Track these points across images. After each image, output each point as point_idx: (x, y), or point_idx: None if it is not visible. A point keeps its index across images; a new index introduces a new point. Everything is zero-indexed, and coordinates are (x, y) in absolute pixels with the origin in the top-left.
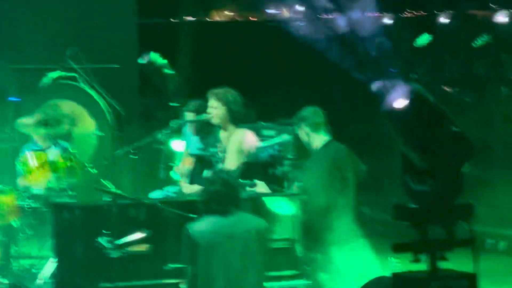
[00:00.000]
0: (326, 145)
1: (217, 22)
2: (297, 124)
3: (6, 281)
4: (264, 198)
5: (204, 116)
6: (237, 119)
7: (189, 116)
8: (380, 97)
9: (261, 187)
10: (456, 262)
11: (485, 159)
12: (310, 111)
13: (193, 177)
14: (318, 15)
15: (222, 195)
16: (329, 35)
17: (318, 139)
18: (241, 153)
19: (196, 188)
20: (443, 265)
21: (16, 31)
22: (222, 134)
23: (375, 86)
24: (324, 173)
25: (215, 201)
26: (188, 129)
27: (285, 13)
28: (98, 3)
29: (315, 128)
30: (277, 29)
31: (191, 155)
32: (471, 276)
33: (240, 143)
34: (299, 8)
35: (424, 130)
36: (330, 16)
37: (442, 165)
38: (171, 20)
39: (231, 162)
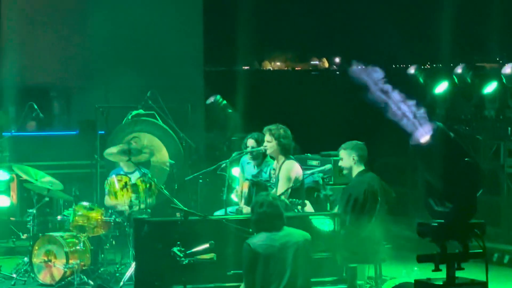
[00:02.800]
0: (362, 174)
1: (269, 71)
2: (347, 152)
3: (95, 283)
4: (309, 216)
5: (259, 148)
6: (286, 151)
7: (247, 147)
8: (408, 133)
9: (309, 206)
10: (470, 272)
11: (494, 186)
12: (360, 145)
13: (250, 198)
14: (351, 65)
15: (269, 215)
16: (360, 82)
17: (357, 169)
18: (289, 180)
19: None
20: (459, 274)
21: (105, 76)
22: (274, 163)
23: (404, 124)
24: (360, 197)
25: (264, 220)
26: (247, 159)
27: (324, 63)
28: (172, 54)
29: (360, 159)
30: (318, 76)
31: (248, 180)
32: (483, 284)
33: (289, 171)
34: (336, 59)
35: (444, 161)
36: (362, 66)
37: (459, 190)
38: (232, 68)
39: (281, 187)
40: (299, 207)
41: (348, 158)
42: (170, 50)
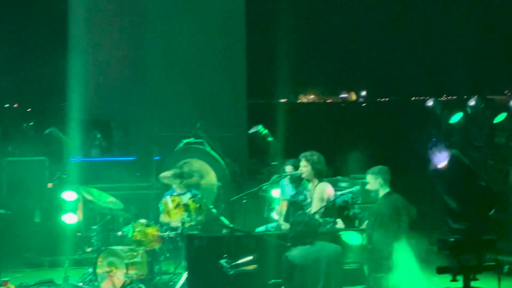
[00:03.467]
0: (388, 194)
1: (303, 103)
2: (375, 174)
3: None
4: (340, 232)
5: (297, 172)
6: (320, 174)
7: (286, 171)
8: (428, 159)
9: (339, 223)
10: (484, 282)
11: (504, 206)
12: (384, 169)
13: (288, 216)
14: (377, 99)
15: (305, 232)
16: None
17: (383, 190)
18: (323, 200)
19: (289, 225)
20: (474, 284)
21: (159, 108)
22: (309, 185)
23: (424, 150)
24: (385, 215)
25: (300, 236)
26: (285, 182)
27: (352, 96)
28: (219, 88)
29: (385, 182)
30: (347, 108)
31: (287, 200)
32: None
33: (322, 192)
34: (363, 92)
35: (460, 184)
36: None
37: (473, 210)
38: (271, 101)
39: (315, 206)
40: (331, 223)
41: (374, 182)
42: (217, 85)
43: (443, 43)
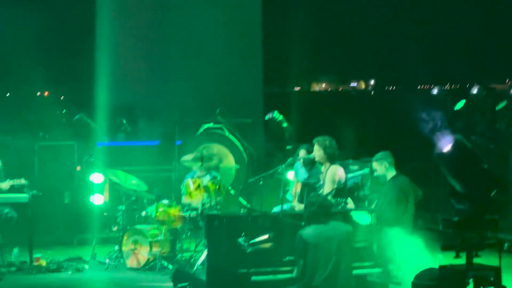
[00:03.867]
0: (395, 177)
1: (316, 91)
2: (379, 160)
3: (173, 267)
4: (351, 212)
5: (310, 155)
6: (332, 157)
7: (300, 155)
8: (433, 144)
9: (350, 204)
10: (486, 258)
11: (504, 188)
12: (387, 154)
13: (302, 197)
14: (384, 88)
15: (319, 212)
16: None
17: (390, 174)
18: (334, 182)
19: (303, 206)
20: (476, 260)
21: (181, 96)
22: (322, 168)
23: (429, 135)
24: (393, 196)
25: (314, 216)
26: (299, 164)
27: (361, 85)
28: (237, 77)
29: (390, 165)
30: (356, 96)
31: (301, 182)
32: (496, 269)
33: (334, 174)
34: (371, 81)
35: (463, 167)
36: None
37: (476, 191)
38: (286, 89)
39: (327, 188)
40: (342, 204)
41: (380, 167)
42: (235, 74)
43: (448, 34)
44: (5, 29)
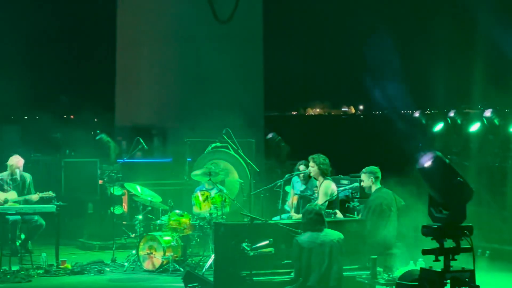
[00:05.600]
0: (379, 190)
1: (311, 115)
2: (367, 175)
3: (184, 270)
4: (341, 221)
5: (306, 171)
6: (325, 173)
7: (298, 170)
8: (415, 159)
9: (339, 214)
10: (461, 262)
11: (478, 200)
12: (375, 169)
13: (298, 208)
14: (373, 112)
15: (315, 220)
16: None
17: (375, 186)
18: (327, 194)
19: (299, 215)
20: (453, 263)
21: (191, 118)
22: (316, 183)
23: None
24: (378, 207)
25: (311, 223)
26: (296, 179)
27: (351, 110)
28: (241, 102)
29: (375, 179)
30: (347, 119)
31: (297, 195)
32: (471, 271)
33: (326, 188)
34: (360, 106)
35: (442, 179)
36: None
37: (453, 201)
38: (284, 113)
39: (321, 200)
40: (332, 215)
41: (367, 180)
42: (240, 100)
43: (428, 65)
44: (39, 63)
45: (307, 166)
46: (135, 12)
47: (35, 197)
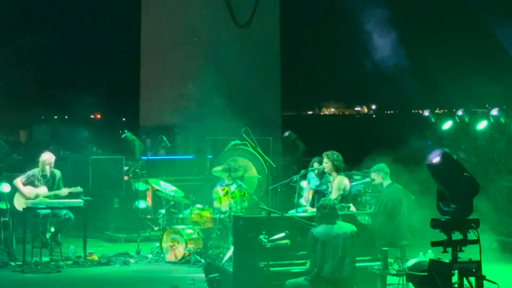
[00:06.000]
0: (390, 185)
1: (326, 115)
2: (376, 171)
3: (205, 261)
4: (355, 214)
5: (320, 167)
6: (338, 169)
7: (311, 167)
8: (424, 156)
9: (352, 208)
10: (468, 253)
11: (483, 195)
12: (382, 165)
13: (313, 202)
14: (385, 111)
15: (329, 214)
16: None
17: (386, 182)
18: (340, 189)
19: (314, 209)
20: (460, 255)
21: (212, 117)
22: (330, 178)
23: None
24: (389, 201)
25: (325, 216)
26: (311, 174)
27: (364, 109)
28: (260, 102)
29: (385, 175)
30: (360, 119)
31: (312, 189)
32: (477, 262)
33: (340, 183)
34: (373, 106)
35: (450, 175)
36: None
37: (460, 196)
38: (300, 113)
39: (334, 194)
40: (346, 208)
41: (377, 176)
42: (258, 101)
43: (438, 66)
44: (68, 68)
45: (320, 162)
46: (158, 18)
47: (64, 192)
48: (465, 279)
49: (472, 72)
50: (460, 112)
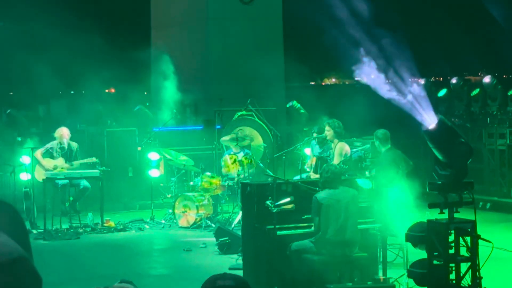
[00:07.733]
0: (389, 150)
1: (327, 85)
2: (376, 137)
3: (216, 225)
4: (356, 179)
5: (322, 135)
6: (340, 136)
7: (315, 134)
8: (420, 123)
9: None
10: (464, 214)
11: (478, 158)
12: (384, 131)
13: (316, 169)
14: (386, 80)
15: (332, 178)
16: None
17: (384, 148)
18: (341, 155)
19: (317, 175)
20: (456, 215)
21: (220, 89)
22: (332, 145)
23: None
24: (387, 166)
25: (328, 181)
26: (314, 142)
27: (364, 78)
28: (264, 74)
29: (385, 140)
30: (360, 88)
31: (315, 156)
32: (472, 222)
33: (341, 149)
34: (372, 76)
35: (445, 141)
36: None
37: (455, 160)
38: (303, 84)
39: (336, 160)
40: (346, 174)
41: (377, 142)
42: (263, 73)
43: (433, 36)
44: (78, 43)
45: (320, 131)
46: None
47: (77, 163)
48: (461, 238)
49: (466, 41)
50: (454, 80)
